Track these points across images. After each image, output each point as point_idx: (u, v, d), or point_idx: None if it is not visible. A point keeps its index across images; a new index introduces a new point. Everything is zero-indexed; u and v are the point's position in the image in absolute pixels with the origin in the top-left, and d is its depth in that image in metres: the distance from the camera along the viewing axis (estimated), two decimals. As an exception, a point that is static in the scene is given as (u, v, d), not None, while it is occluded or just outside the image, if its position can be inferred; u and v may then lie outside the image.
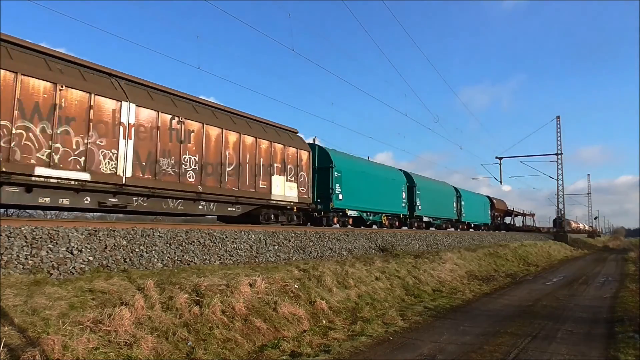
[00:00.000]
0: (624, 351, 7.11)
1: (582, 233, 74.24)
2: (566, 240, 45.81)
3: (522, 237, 37.75)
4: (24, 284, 6.05)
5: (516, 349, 7.20)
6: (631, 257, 31.71)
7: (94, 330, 5.55)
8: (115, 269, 7.83)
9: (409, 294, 12.12)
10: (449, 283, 14.58)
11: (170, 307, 6.71)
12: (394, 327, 8.53)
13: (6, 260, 6.64)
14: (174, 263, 8.97)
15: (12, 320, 5.13)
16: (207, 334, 6.54)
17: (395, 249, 17.06)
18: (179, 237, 9.63)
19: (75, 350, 5.02)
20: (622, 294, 13.76)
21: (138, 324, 6.02)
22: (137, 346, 5.61)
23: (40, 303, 5.59)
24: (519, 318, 9.82)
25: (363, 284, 11.20)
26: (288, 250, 12.24)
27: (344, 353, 6.80)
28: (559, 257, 33.78)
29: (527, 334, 8.26)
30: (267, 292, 8.34)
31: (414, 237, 20.33)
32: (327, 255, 13.50)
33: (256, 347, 6.82)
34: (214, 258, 9.92)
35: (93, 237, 8.05)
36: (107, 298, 6.33)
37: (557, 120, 47.69)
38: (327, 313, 8.91)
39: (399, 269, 13.53)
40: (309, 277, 9.99)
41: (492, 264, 20.96)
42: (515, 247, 27.92)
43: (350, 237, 15.63)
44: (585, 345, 7.66)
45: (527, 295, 13.57)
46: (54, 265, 7.07)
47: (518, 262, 24.70)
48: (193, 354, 6.02)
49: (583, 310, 11.09)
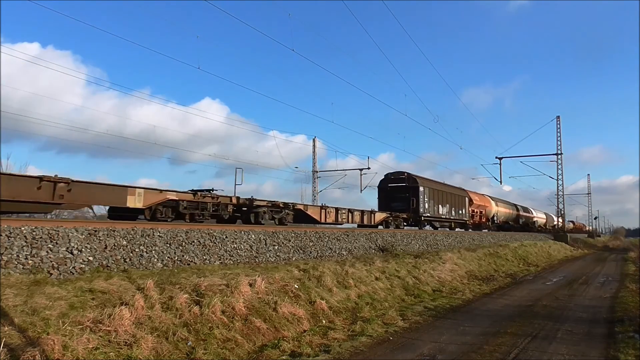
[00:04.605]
0: (624, 351, 7.10)
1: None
2: (566, 240, 45.82)
3: (522, 237, 37.74)
4: (24, 284, 6.05)
5: (516, 349, 7.19)
6: (631, 257, 31.70)
7: (94, 330, 5.55)
8: (115, 269, 7.83)
9: (409, 294, 12.11)
10: (449, 283, 14.58)
11: (170, 307, 6.71)
12: (394, 327, 8.53)
13: (6, 260, 6.64)
14: (174, 263, 8.97)
15: (12, 320, 5.13)
16: (207, 334, 6.54)
17: (395, 249, 17.06)
18: (179, 237, 9.64)
19: (75, 350, 5.02)
20: (622, 294, 13.76)
21: (138, 324, 6.02)
22: (137, 346, 5.61)
23: (40, 303, 5.59)
24: (519, 318, 9.81)
25: (363, 284, 11.20)
26: (288, 250, 12.24)
27: (344, 353, 6.80)
28: (559, 257, 33.77)
29: (527, 334, 8.26)
30: (267, 292, 8.34)
31: (414, 237, 20.33)
32: (327, 255, 13.50)
33: (256, 347, 6.82)
34: (214, 258, 9.92)
35: (93, 237, 8.05)
36: (107, 298, 6.33)
37: (557, 120, 47.73)
38: (327, 313, 8.91)
39: (399, 269, 13.53)
40: (309, 277, 9.99)
41: (492, 264, 20.96)
42: (515, 247, 27.92)
43: (350, 237, 15.64)
44: (585, 345, 7.65)
45: (527, 295, 13.57)
46: (54, 265, 7.08)
47: (518, 262, 24.70)
48: (193, 354, 6.01)
49: (583, 310, 11.09)
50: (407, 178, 26.52)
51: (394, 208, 25.24)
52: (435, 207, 28.15)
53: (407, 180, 26.42)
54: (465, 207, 34.08)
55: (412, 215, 25.51)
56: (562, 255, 35.44)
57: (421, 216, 26.24)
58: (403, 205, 25.61)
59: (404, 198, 25.77)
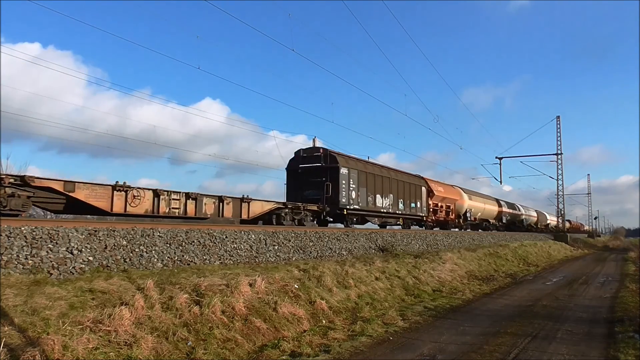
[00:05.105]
0: (624, 351, 7.10)
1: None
2: (566, 240, 45.83)
3: (522, 237, 37.73)
4: (24, 284, 6.05)
5: (516, 349, 7.19)
6: (631, 257, 31.69)
7: (94, 330, 5.55)
8: (115, 269, 7.83)
9: (409, 294, 12.11)
10: (449, 283, 14.58)
11: (170, 307, 6.71)
12: (394, 327, 8.53)
13: (6, 260, 6.64)
14: (174, 263, 8.97)
15: (12, 320, 5.13)
16: (207, 334, 6.54)
17: (395, 249, 17.06)
18: (178, 237, 9.63)
19: (75, 350, 5.02)
20: (622, 294, 13.76)
21: (138, 324, 6.02)
22: (137, 346, 5.61)
23: (40, 303, 5.59)
24: (519, 318, 9.81)
25: (363, 284, 11.20)
26: (288, 250, 12.24)
27: (344, 353, 6.80)
28: (559, 257, 33.78)
29: (527, 334, 8.26)
30: (267, 292, 8.34)
31: (414, 237, 20.33)
32: (327, 255, 13.50)
33: (256, 347, 6.82)
34: (214, 258, 9.92)
35: (93, 237, 8.05)
36: (107, 298, 6.33)
37: (557, 120, 47.73)
38: (327, 313, 8.91)
39: (399, 269, 13.53)
40: (309, 277, 9.99)
41: (492, 264, 20.96)
42: (515, 247, 27.92)
43: (350, 237, 15.64)
44: (585, 345, 7.65)
45: (527, 295, 13.57)
46: (54, 265, 7.07)
47: (518, 262, 24.70)
48: (193, 354, 6.01)
49: (583, 310, 11.08)
50: (324, 156, 19.30)
51: (307, 197, 18.51)
52: (368, 197, 20.84)
53: (324, 159, 19.22)
54: (421, 199, 26.94)
55: (326, 206, 18.17)
56: (562, 255, 35.44)
57: (343, 208, 18.79)
58: (319, 193, 18.61)
59: (319, 184, 18.68)
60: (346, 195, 19.16)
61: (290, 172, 20.18)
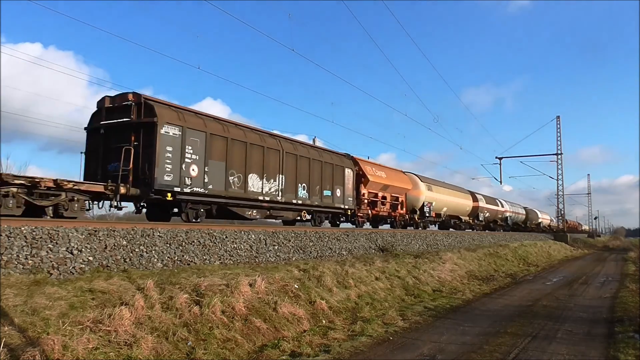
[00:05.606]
0: (624, 351, 7.10)
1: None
2: (566, 240, 45.86)
3: (522, 237, 37.75)
4: (24, 284, 6.04)
5: (516, 349, 7.20)
6: (631, 257, 31.71)
7: (94, 330, 5.55)
8: (115, 269, 7.82)
9: (409, 294, 12.11)
10: (449, 283, 14.58)
11: (170, 307, 6.71)
12: (394, 327, 8.53)
13: (6, 260, 6.63)
14: (174, 263, 8.97)
15: (12, 320, 5.13)
16: (207, 334, 6.54)
17: (395, 249, 17.07)
18: (178, 237, 9.63)
19: (75, 350, 5.02)
20: (622, 294, 13.76)
21: (138, 324, 6.02)
22: (137, 346, 5.60)
23: (40, 303, 5.58)
24: (519, 318, 9.82)
25: (363, 284, 11.20)
26: (288, 250, 12.24)
27: (344, 353, 6.80)
28: (559, 257, 33.78)
29: (527, 334, 8.26)
30: (267, 292, 8.34)
31: (414, 237, 20.34)
32: (327, 255, 13.50)
33: (256, 347, 6.82)
34: (214, 258, 9.92)
35: (93, 237, 8.05)
36: (107, 298, 6.32)
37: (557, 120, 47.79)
38: (327, 313, 8.91)
39: (399, 269, 13.53)
40: (309, 277, 9.99)
41: (492, 264, 20.97)
42: (515, 247, 27.94)
43: (350, 237, 15.64)
44: (585, 345, 7.66)
45: (527, 295, 13.57)
46: (54, 265, 7.07)
47: (518, 262, 24.71)
48: (193, 354, 6.01)
49: (583, 310, 11.09)
50: (137, 106, 11.98)
51: (111, 173, 11.68)
52: (230, 177, 13.52)
53: (137, 111, 11.95)
54: (343, 185, 19.47)
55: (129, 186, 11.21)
56: (562, 255, 35.45)
57: (164, 190, 11.56)
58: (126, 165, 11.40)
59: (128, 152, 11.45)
60: (174, 171, 11.85)
61: (91, 134, 12.78)
